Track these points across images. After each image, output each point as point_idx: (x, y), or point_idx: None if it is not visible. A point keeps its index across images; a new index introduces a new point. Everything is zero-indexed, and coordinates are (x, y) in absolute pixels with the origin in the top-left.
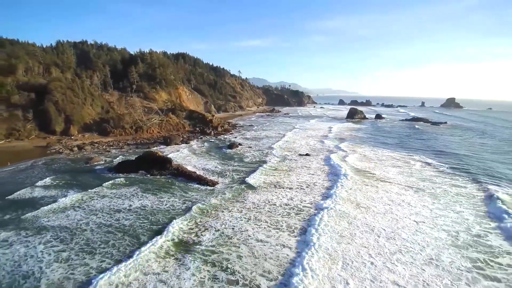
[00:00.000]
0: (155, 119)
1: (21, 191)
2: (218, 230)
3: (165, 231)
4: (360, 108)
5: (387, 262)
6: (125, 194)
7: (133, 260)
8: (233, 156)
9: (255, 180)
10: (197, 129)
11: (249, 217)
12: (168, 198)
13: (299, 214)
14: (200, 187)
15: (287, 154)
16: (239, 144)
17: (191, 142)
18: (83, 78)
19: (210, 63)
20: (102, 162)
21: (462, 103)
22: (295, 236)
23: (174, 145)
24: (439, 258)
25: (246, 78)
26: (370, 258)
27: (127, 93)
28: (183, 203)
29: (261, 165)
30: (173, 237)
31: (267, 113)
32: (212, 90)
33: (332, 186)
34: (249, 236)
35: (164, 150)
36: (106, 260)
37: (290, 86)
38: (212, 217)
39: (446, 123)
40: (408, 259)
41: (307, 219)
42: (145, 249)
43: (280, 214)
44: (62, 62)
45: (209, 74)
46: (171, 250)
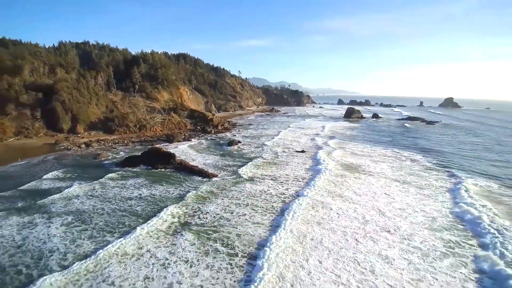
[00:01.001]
0: (158, 118)
1: (37, 182)
2: (218, 214)
3: (175, 214)
4: (359, 108)
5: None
6: (134, 185)
7: (144, 233)
8: (233, 153)
9: (245, 172)
10: (198, 128)
11: (246, 203)
12: (175, 188)
13: (278, 200)
14: (202, 179)
15: (277, 150)
16: (238, 142)
17: (193, 140)
18: (88, 79)
19: (211, 64)
20: (110, 157)
21: (461, 103)
22: (274, 213)
23: (177, 143)
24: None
25: (246, 78)
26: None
27: (130, 93)
28: (188, 192)
29: (254, 160)
30: (180, 219)
31: (266, 113)
32: (213, 90)
33: (313, 177)
34: (246, 217)
35: (167, 147)
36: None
37: (290, 86)
38: (213, 203)
39: (440, 122)
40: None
41: (287, 203)
42: (154, 225)
43: (262, 199)
44: (66, 63)
45: (210, 74)
46: (178, 229)
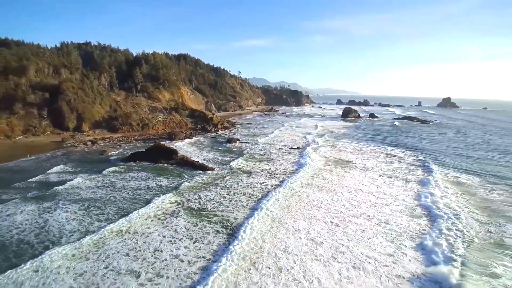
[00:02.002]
0: (160, 117)
1: (49, 174)
2: (218, 201)
3: (181, 200)
4: (357, 108)
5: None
6: (141, 177)
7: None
8: (232, 149)
9: (241, 165)
10: (199, 127)
11: (242, 192)
12: (179, 180)
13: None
14: (203, 173)
15: (270, 147)
16: (237, 140)
17: (193, 138)
18: (91, 79)
19: (211, 64)
20: (115, 153)
21: (459, 103)
22: (256, 197)
23: (178, 140)
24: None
25: (246, 78)
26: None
27: (132, 93)
28: (190, 182)
29: (249, 155)
30: (185, 204)
31: (265, 112)
32: (213, 90)
33: (298, 170)
34: (242, 202)
35: (169, 145)
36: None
37: (289, 86)
38: (212, 192)
39: (434, 121)
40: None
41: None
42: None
43: (250, 187)
44: (70, 64)
45: (210, 75)
46: (181, 212)
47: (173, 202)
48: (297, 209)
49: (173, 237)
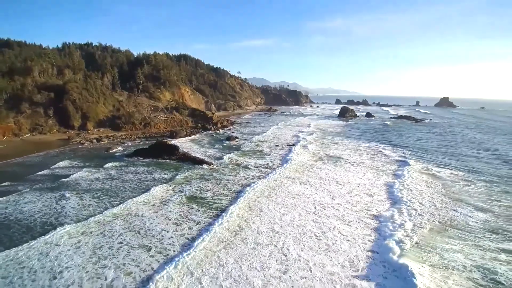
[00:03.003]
0: (161, 116)
1: (59, 168)
2: (217, 191)
3: (184, 190)
4: (356, 107)
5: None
6: (147, 171)
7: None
8: (231, 146)
9: (237, 160)
10: (199, 125)
11: (239, 183)
12: (182, 173)
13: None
14: (203, 167)
15: (264, 144)
16: (236, 137)
17: (194, 136)
18: (95, 79)
19: (211, 64)
20: (120, 150)
21: (456, 103)
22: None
23: (179, 138)
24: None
25: (246, 79)
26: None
27: (134, 93)
28: (191, 175)
29: (245, 150)
30: (189, 194)
31: (264, 112)
32: (213, 90)
33: (287, 160)
34: (240, 192)
35: (171, 142)
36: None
37: (289, 86)
38: (212, 183)
39: (429, 121)
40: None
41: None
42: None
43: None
44: (73, 65)
45: (210, 75)
46: (183, 200)
47: (177, 191)
48: (275, 195)
49: (180, 216)
